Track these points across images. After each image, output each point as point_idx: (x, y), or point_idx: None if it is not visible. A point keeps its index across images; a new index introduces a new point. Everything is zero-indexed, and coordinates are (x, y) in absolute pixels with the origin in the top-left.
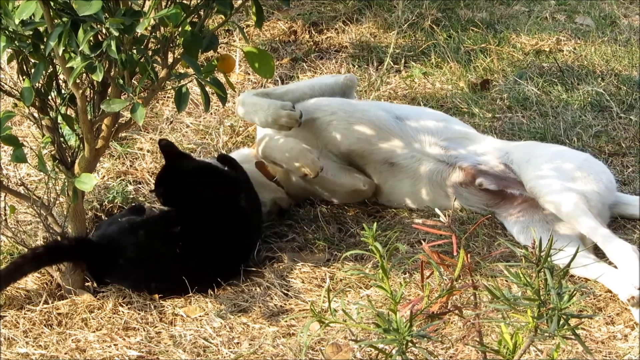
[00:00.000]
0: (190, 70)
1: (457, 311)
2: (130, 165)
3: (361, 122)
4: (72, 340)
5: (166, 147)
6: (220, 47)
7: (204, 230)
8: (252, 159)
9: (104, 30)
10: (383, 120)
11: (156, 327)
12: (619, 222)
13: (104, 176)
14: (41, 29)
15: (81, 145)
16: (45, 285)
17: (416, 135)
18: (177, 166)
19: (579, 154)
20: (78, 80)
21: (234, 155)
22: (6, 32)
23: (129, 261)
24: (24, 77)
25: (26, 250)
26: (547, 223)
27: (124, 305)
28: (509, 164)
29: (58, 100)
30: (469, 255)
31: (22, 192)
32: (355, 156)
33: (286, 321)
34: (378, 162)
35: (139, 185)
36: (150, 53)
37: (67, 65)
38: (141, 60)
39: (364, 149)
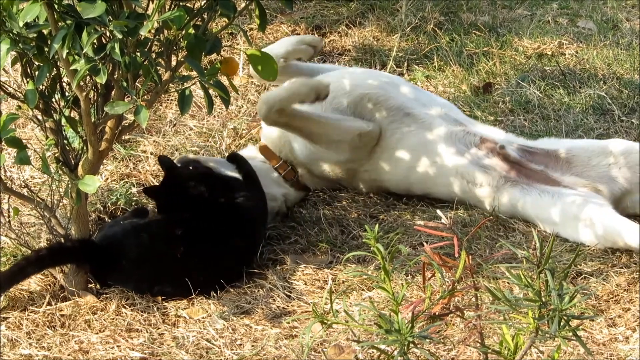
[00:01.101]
0: (194, 73)
1: (458, 312)
2: (134, 168)
3: (374, 77)
4: (75, 341)
5: (164, 162)
6: (223, 50)
7: (207, 233)
8: (257, 154)
9: (107, 33)
10: (398, 80)
11: (159, 328)
12: None
13: (107, 178)
14: (45, 31)
15: (85, 148)
16: (49, 287)
17: (431, 102)
18: (174, 176)
19: None
20: (82, 83)
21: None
22: (10, 34)
23: (132, 263)
24: (28, 80)
25: (29, 252)
26: (567, 199)
27: (126, 306)
28: (533, 145)
29: (62, 103)
30: (470, 257)
31: (26, 194)
32: (367, 102)
33: (289, 323)
34: (393, 108)
35: (142, 188)
36: (153, 56)
37: (71, 68)
38: (145, 63)
39: (379, 94)
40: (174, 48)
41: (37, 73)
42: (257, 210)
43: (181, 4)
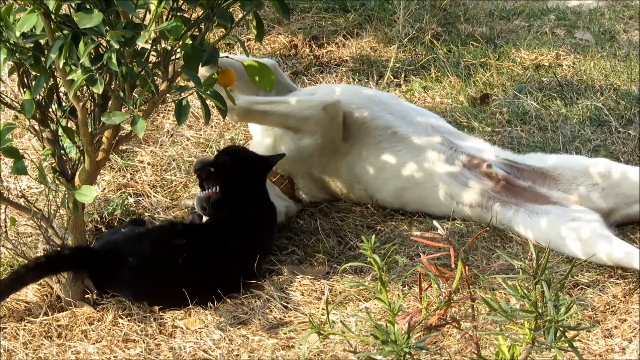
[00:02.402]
0: (191, 83)
1: (455, 323)
2: (131, 178)
3: (362, 94)
4: (71, 352)
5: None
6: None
7: (208, 243)
8: None
9: (104, 43)
10: (385, 96)
11: (156, 339)
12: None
13: (104, 188)
14: (42, 41)
15: (82, 158)
16: (45, 297)
17: (418, 119)
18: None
19: None
20: (79, 93)
21: None
22: (7, 44)
23: (132, 271)
24: (25, 90)
25: (27, 262)
26: (557, 217)
27: (123, 317)
28: (520, 161)
29: (59, 113)
30: (467, 268)
31: (23, 204)
32: (353, 124)
33: (285, 333)
34: (380, 128)
35: (140, 198)
36: (150, 66)
37: (68, 78)
38: (142, 73)
39: (366, 114)
40: (171, 58)
41: (34, 83)
42: (265, 222)
43: (178, 14)
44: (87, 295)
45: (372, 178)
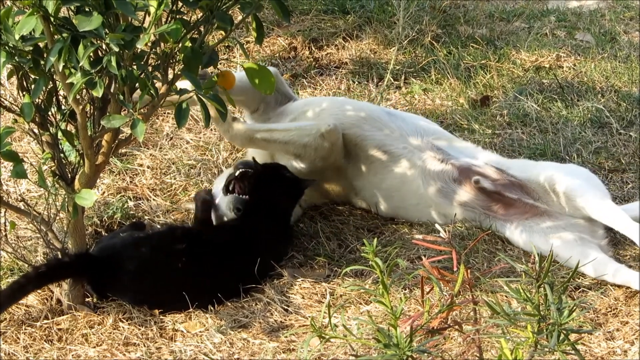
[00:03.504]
0: (191, 86)
1: (457, 326)
2: (130, 181)
3: (353, 111)
4: (72, 355)
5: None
6: (220, 63)
7: (209, 247)
8: None
9: (104, 46)
10: (374, 111)
11: (156, 342)
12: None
13: (104, 192)
14: (41, 44)
15: (81, 161)
16: (46, 301)
17: (408, 130)
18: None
19: (580, 168)
20: (78, 96)
21: None
22: (6, 47)
23: (131, 275)
24: (24, 93)
25: (26, 266)
26: (549, 230)
27: (124, 320)
28: (505, 169)
29: (58, 116)
30: (469, 271)
31: (22, 207)
32: (347, 144)
33: (286, 337)
34: (371, 148)
35: (139, 201)
36: (150, 69)
37: (67, 81)
38: (141, 76)
39: (357, 134)
40: (171, 61)
41: (33, 86)
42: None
43: (178, 17)
44: (87, 299)
45: (370, 196)
